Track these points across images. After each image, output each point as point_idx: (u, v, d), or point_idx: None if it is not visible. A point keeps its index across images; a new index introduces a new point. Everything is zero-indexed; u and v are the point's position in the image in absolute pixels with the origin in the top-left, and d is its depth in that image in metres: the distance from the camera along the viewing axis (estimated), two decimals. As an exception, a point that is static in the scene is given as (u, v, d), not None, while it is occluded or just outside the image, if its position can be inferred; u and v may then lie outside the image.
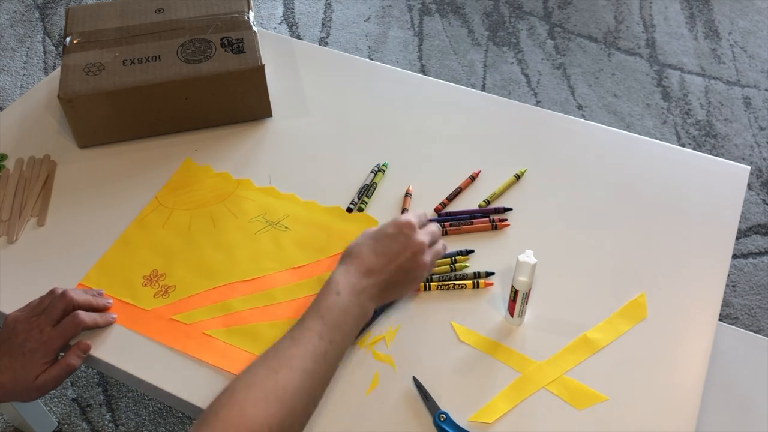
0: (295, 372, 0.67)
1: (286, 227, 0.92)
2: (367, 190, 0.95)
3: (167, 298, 0.85)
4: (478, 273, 0.86)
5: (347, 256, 0.77)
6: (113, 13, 1.08)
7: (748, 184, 1.81)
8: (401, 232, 0.77)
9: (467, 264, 0.87)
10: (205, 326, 0.82)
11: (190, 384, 0.77)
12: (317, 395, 0.70)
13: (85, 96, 0.97)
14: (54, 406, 1.43)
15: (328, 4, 2.41)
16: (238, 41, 1.03)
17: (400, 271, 0.76)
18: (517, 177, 0.98)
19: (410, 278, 0.78)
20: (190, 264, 0.89)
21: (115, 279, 0.87)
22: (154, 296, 0.85)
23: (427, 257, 0.78)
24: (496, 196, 0.95)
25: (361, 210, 0.93)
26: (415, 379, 0.77)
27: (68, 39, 1.04)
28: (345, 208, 0.94)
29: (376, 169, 0.98)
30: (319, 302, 0.73)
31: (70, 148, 1.04)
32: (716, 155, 1.56)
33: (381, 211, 0.94)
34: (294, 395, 0.66)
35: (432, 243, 0.80)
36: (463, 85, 1.87)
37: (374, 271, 0.75)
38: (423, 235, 0.78)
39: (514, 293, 0.78)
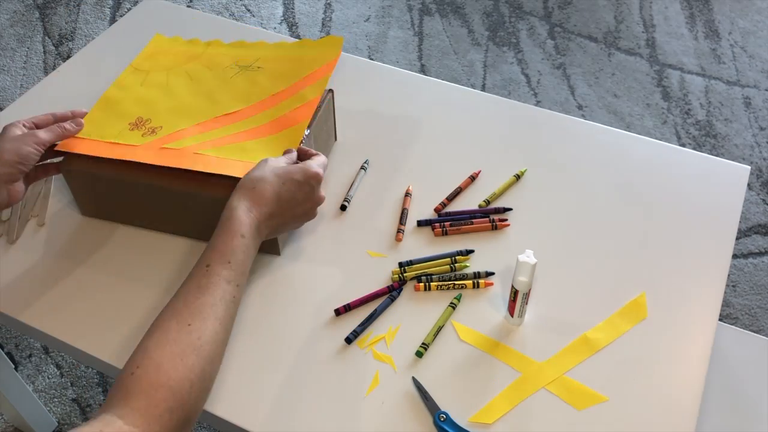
0: (208, 321, 0.67)
1: (259, 67, 0.98)
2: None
3: (155, 135, 0.88)
4: (478, 273, 0.86)
5: (249, 189, 0.76)
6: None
7: (748, 184, 1.81)
8: (308, 182, 0.79)
9: (467, 264, 0.88)
10: (196, 149, 0.86)
11: (190, 384, 0.77)
12: (227, 339, 0.71)
13: (84, 173, 0.87)
14: (54, 406, 1.43)
15: (328, 4, 2.41)
16: None
17: (294, 217, 0.80)
18: (517, 177, 0.98)
19: (297, 223, 0.83)
20: (174, 109, 0.93)
21: (102, 129, 0.89)
22: (142, 136, 0.88)
23: (317, 210, 0.83)
24: (496, 196, 0.95)
25: (344, 208, 0.94)
26: (414, 380, 0.77)
27: None
28: (339, 206, 0.94)
29: (366, 165, 0.99)
30: (223, 244, 0.72)
31: (70, 148, 1.04)
32: (716, 155, 1.56)
33: (381, 211, 0.94)
34: (210, 344, 0.66)
35: None
36: (463, 85, 1.87)
37: (273, 215, 0.77)
38: (322, 191, 0.82)
39: (514, 293, 0.78)
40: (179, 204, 0.86)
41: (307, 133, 0.88)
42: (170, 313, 0.68)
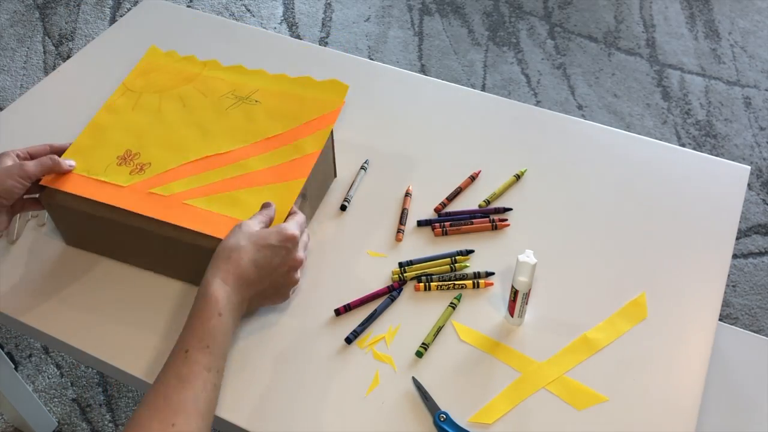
0: (191, 418, 0.64)
1: (256, 101, 0.94)
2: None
3: (143, 174, 0.85)
4: (478, 273, 0.86)
5: (224, 259, 0.72)
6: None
7: (748, 184, 1.81)
8: (284, 245, 0.75)
9: (467, 264, 0.88)
10: (184, 197, 0.83)
11: (190, 384, 0.77)
12: (210, 425, 0.67)
13: (63, 207, 0.84)
14: (54, 406, 1.43)
15: (328, 4, 2.41)
16: None
17: (272, 285, 0.76)
18: (517, 177, 0.98)
19: (279, 294, 0.78)
20: (164, 142, 0.89)
21: (89, 161, 0.87)
22: (129, 174, 0.85)
23: (299, 274, 0.78)
24: (496, 196, 0.95)
25: (344, 208, 0.93)
26: (414, 380, 0.77)
27: None
28: (339, 206, 0.94)
29: (366, 165, 0.99)
30: (200, 325, 0.69)
31: (70, 148, 1.03)
32: (716, 155, 1.56)
33: (381, 211, 0.94)
34: None
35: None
36: (463, 85, 1.87)
37: (251, 284, 0.73)
38: (302, 251, 0.78)
39: (514, 293, 0.78)
40: (159, 246, 0.83)
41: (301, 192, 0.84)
42: (151, 411, 0.64)
